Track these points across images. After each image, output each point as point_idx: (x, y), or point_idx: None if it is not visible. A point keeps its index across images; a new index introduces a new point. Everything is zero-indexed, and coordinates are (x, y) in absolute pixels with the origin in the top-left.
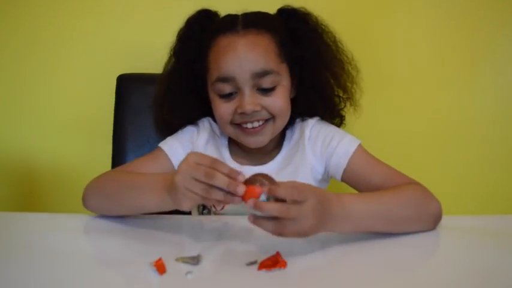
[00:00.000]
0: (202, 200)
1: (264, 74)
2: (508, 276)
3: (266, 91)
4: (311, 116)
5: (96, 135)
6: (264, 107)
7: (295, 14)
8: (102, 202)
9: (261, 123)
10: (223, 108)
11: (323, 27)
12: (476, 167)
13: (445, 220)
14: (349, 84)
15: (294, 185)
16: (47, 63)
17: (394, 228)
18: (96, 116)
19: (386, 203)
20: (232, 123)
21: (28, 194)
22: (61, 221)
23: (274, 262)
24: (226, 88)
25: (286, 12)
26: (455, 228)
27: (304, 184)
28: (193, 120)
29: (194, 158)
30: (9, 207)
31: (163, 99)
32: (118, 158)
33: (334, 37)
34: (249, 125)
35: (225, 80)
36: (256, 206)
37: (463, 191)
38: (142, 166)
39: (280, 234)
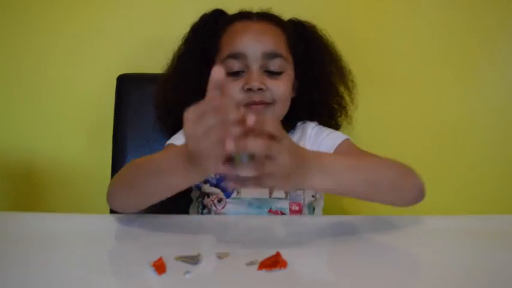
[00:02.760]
0: (218, 149)
1: (273, 55)
2: (504, 276)
3: (273, 74)
4: (310, 120)
5: (96, 135)
6: (268, 89)
7: (303, 24)
8: (127, 195)
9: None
10: (232, 87)
11: (326, 39)
12: (476, 167)
13: (444, 220)
14: (346, 97)
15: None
16: (47, 63)
17: (375, 192)
18: (96, 116)
19: (366, 162)
20: (240, 104)
21: (28, 194)
22: (61, 221)
23: (274, 262)
24: (235, 65)
25: (293, 23)
26: (455, 228)
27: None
28: (194, 102)
29: (191, 115)
30: (9, 207)
31: (167, 83)
32: (118, 158)
33: (336, 50)
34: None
35: (235, 56)
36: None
37: (462, 191)
38: None
39: (259, 175)
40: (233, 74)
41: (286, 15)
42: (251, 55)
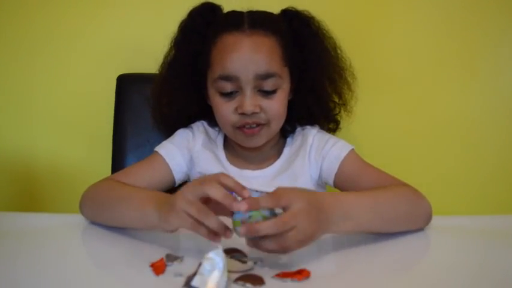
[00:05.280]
0: (192, 225)
1: (267, 76)
2: (504, 276)
3: (267, 93)
4: (308, 119)
5: (96, 135)
6: (262, 109)
7: (298, 16)
8: (95, 211)
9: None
10: (225, 108)
11: (324, 32)
12: (475, 167)
13: (443, 220)
14: (345, 91)
15: (274, 192)
16: (47, 63)
17: (389, 226)
18: (96, 116)
19: (381, 199)
20: (234, 126)
21: (28, 194)
22: (61, 221)
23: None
24: (228, 87)
25: (289, 14)
26: (454, 228)
27: (285, 189)
28: (191, 114)
29: (207, 179)
30: (9, 207)
31: (161, 90)
32: (118, 158)
33: (335, 43)
34: (248, 126)
35: (227, 78)
36: (250, 232)
37: (461, 192)
38: (139, 172)
39: (285, 249)
40: (226, 95)
41: (282, 7)
42: (244, 78)
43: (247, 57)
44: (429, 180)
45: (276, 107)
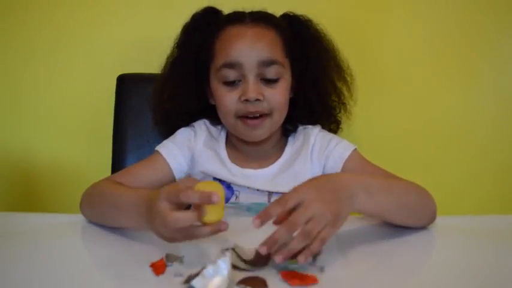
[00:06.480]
0: (185, 238)
1: (269, 63)
2: (506, 276)
3: (270, 82)
4: (309, 118)
5: (96, 135)
6: (265, 98)
7: (298, 19)
8: (91, 213)
9: (260, 115)
10: (228, 98)
11: (322, 34)
12: (475, 167)
13: (444, 220)
14: (344, 91)
15: (281, 198)
16: (47, 63)
17: (402, 213)
18: (96, 116)
19: (394, 183)
20: (236, 115)
21: (28, 194)
22: (61, 221)
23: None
24: (231, 75)
25: (288, 18)
26: (454, 228)
27: (291, 190)
28: (192, 110)
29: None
30: (9, 207)
31: (163, 87)
32: (118, 158)
33: (333, 45)
34: (250, 115)
35: (231, 65)
36: (271, 242)
37: (461, 192)
38: (140, 171)
39: (318, 242)
40: (229, 84)
41: (282, 10)
42: (247, 64)
43: (250, 45)
44: (430, 180)
45: (278, 96)
